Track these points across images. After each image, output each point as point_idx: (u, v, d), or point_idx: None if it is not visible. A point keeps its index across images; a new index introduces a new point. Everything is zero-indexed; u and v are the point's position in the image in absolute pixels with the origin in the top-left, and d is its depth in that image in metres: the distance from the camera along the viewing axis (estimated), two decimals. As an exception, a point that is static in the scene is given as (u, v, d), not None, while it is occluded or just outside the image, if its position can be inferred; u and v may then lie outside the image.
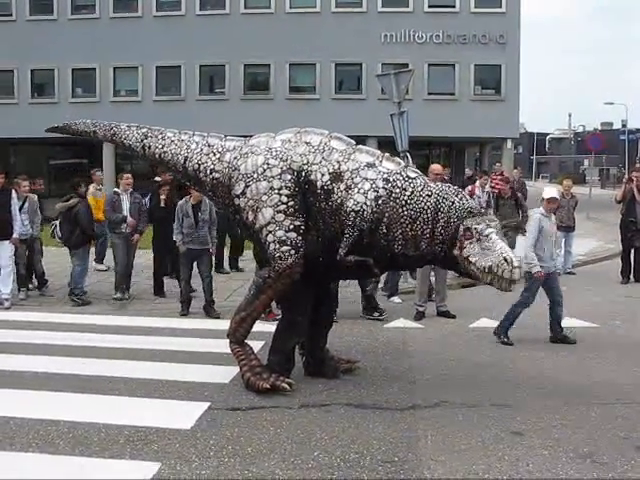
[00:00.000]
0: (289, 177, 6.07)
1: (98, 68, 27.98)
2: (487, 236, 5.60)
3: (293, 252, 6.01)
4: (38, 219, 11.03)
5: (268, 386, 6.06)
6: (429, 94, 26.68)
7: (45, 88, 29.09)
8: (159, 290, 10.91)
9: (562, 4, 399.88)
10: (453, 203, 5.81)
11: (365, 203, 5.87)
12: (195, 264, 9.74)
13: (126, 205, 10.69)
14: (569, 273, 13.42)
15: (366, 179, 5.94)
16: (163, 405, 5.92)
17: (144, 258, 11.96)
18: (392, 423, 5.48)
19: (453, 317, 9.46)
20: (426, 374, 6.88)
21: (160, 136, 7.03)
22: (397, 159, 6.29)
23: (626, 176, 46.42)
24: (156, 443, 5.03)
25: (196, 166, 6.69)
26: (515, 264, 5.41)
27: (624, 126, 71.55)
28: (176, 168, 6.93)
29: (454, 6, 26.92)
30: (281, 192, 6.05)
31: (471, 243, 5.63)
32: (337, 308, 8.45)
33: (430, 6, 26.89)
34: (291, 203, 6.04)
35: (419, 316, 9.37)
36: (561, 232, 13.37)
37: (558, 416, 5.64)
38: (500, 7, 26.87)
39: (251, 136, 6.70)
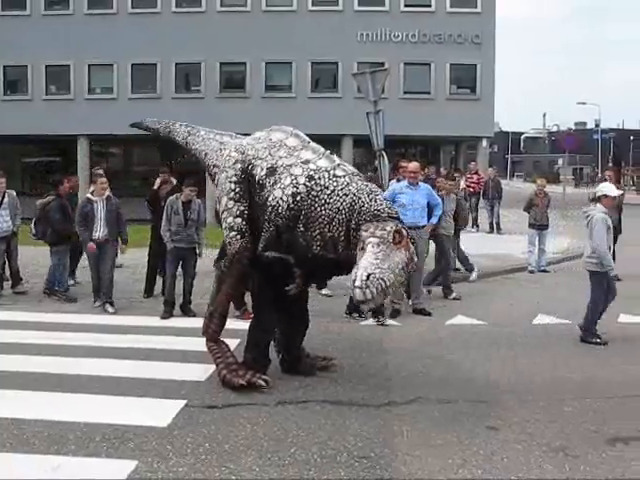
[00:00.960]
0: (239, 166, 6.37)
1: (72, 65, 27.69)
2: (364, 246, 5.31)
3: (239, 237, 6.22)
4: (18, 215, 10.93)
5: (244, 383, 6.08)
6: (405, 93, 26.79)
7: (18, 85, 28.74)
8: (149, 289, 10.74)
9: (536, 5, 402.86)
10: (364, 204, 5.68)
11: (281, 198, 5.95)
12: (180, 263, 9.69)
13: (100, 214, 9.73)
14: (543, 271, 13.57)
15: (290, 175, 6.02)
16: (139, 403, 5.90)
17: (139, 254, 11.77)
18: (368, 419, 5.53)
19: (429, 314, 9.54)
20: (402, 371, 6.94)
21: (196, 134, 7.58)
22: (334, 157, 6.22)
23: (599, 175, 47.06)
24: (132, 441, 5.02)
25: (209, 162, 7.21)
26: (356, 283, 5.01)
27: (597, 126, 72.37)
28: (204, 164, 7.40)
29: (430, 6, 27.05)
30: (231, 180, 6.35)
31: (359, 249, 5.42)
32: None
33: (406, 5, 26.99)
34: (237, 189, 6.31)
35: (395, 314, 9.42)
36: (535, 230, 13.55)
37: (532, 411, 5.73)
38: (475, 7, 27.07)
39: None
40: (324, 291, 10.76)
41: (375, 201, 5.69)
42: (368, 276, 4.97)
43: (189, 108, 25.81)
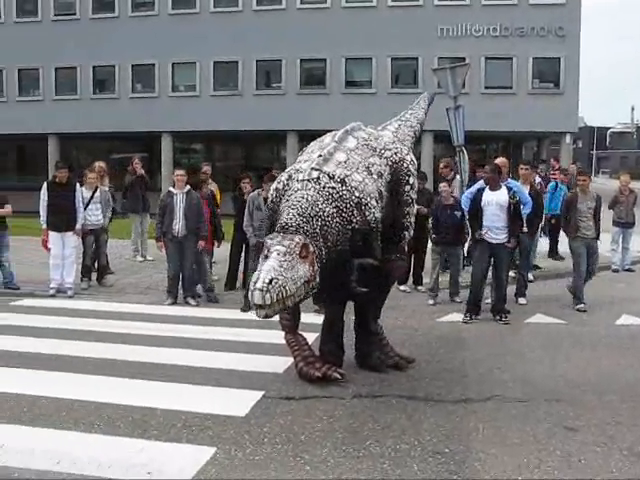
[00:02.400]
0: None
1: (157, 64, 28.50)
2: (268, 253, 5.19)
3: None
4: (109, 210, 11.40)
5: (320, 375, 6.17)
6: (486, 88, 26.33)
7: (106, 84, 29.78)
8: (231, 283, 10.89)
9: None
10: (281, 215, 5.72)
11: (271, 191, 6.20)
12: None
13: (179, 207, 9.79)
14: (628, 270, 13.15)
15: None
16: (219, 393, 6.06)
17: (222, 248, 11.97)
18: (444, 415, 5.51)
19: (508, 312, 9.39)
20: (479, 368, 6.88)
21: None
22: (337, 156, 5.95)
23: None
24: (211, 429, 5.17)
25: None
26: (257, 285, 4.89)
27: (690, 119, 69.26)
28: None
29: (512, -2, 26.50)
30: None
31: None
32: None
33: (488, -2, 26.54)
34: None
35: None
36: (619, 228, 13.13)
37: (613, 413, 5.59)
38: (560, -2, 26.33)
39: (307, 131, 7.25)
40: (402, 287, 10.78)
41: (287, 214, 5.56)
42: (271, 280, 4.88)
43: (270, 105, 26.20)
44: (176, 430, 5.13)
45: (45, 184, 10.82)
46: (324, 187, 5.65)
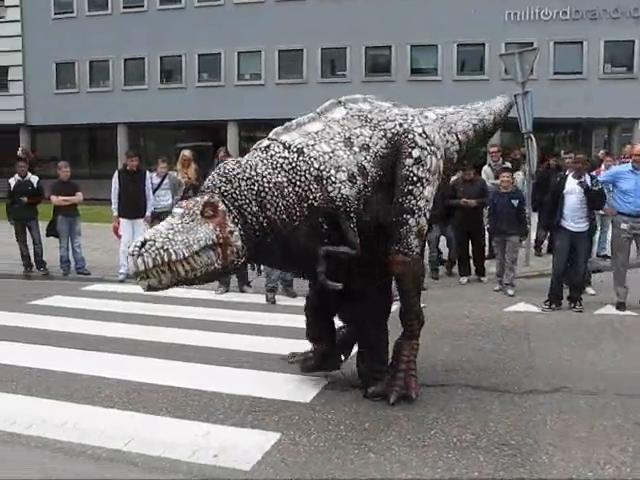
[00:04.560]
0: None
1: (223, 53, 28.82)
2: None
3: None
4: (179, 194, 11.61)
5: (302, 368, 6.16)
6: (555, 73, 25.71)
7: (173, 74, 30.28)
8: None
9: None
10: None
11: None
12: None
13: None
14: None
15: None
16: (284, 379, 6.11)
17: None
18: (510, 406, 5.43)
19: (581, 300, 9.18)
20: (547, 359, 6.74)
21: None
22: (308, 127, 5.30)
23: None
24: (277, 414, 5.22)
25: None
26: (129, 249, 4.41)
27: None
28: None
29: (584, -20, 25.74)
30: None
31: None
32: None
33: (558, -19, 25.84)
34: None
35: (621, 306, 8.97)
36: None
37: (688, 408, 5.40)
38: (635, -22, 25.44)
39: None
40: (464, 279, 10.69)
41: (211, 175, 5.06)
42: (144, 243, 4.31)
43: (335, 92, 26.00)
44: (241, 415, 5.20)
45: (117, 172, 11.14)
46: (272, 156, 4.99)
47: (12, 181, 11.68)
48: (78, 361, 6.63)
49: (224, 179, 4.85)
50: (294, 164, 4.94)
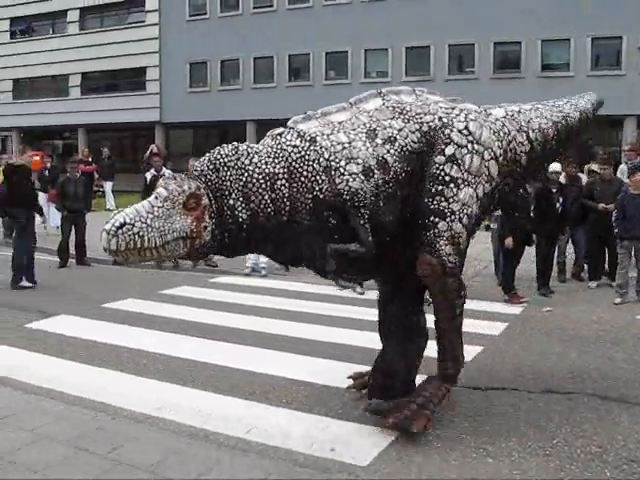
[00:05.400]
0: None
1: (350, 51, 29.01)
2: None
3: None
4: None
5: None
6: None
7: (301, 72, 30.80)
8: None
9: None
10: None
11: None
12: None
13: None
14: None
15: None
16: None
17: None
18: (641, 420, 5.16)
19: None
20: (683, 372, 6.35)
21: None
22: (333, 116, 5.03)
23: None
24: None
25: None
26: (106, 226, 4.14)
27: None
28: None
29: None
30: None
31: None
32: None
33: None
34: None
35: None
36: None
37: None
38: None
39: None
40: (592, 283, 10.26)
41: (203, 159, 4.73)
42: (122, 225, 4.12)
43: (462, 90, 25.63)
44: (360, 411, 5.21)
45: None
46: (279, 144, 4.72)
47: (148, 175, 12.30)
48: (204, 350, 6.89)
49: (212, 166, 4.56)
50: (303, 153, 4.64)
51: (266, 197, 4.52)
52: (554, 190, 9.98)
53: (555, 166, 10.02)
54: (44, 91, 37.22)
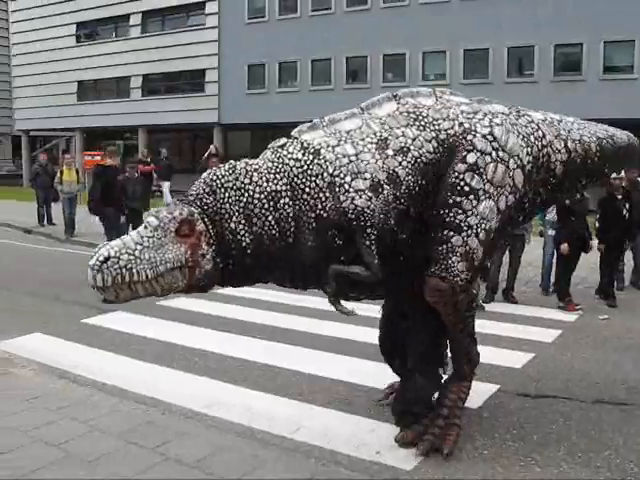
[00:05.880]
0: None
1: (408, 54, 28.88)
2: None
3: None
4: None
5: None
6: None
7: (358, 74, 30.80)
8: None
9: None
10: None
11: None
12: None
13: None
14: None
15: None
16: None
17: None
18: (699, 434, 5.00)
19: None
20: None
21: None
22: (342, 124, 4.66)
23: None
24: (443, 417, 5.18)
25: None
26: (90, 262, 3.84)
27: None
28: None
29: None
30: None
31: None
32: None
33: None
34: None
35: None
36: None
37: None
38: None
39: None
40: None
41: (198, 181, 4.40)
42: (107, 258, 3.81)
43: (522, 93, 25.31)
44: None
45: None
46: (280, 157, 4.37)
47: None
48: (253, 349, 6.98)
49: (208, 189, 4.23)
50: (305, 167, 4.29)
51: (270, 218, 4.20)
52: (619, 197, 9.74)
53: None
54: (106, 93, 38.15)
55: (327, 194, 4.23)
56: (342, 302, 4.43)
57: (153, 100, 35.73)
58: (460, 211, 4.40)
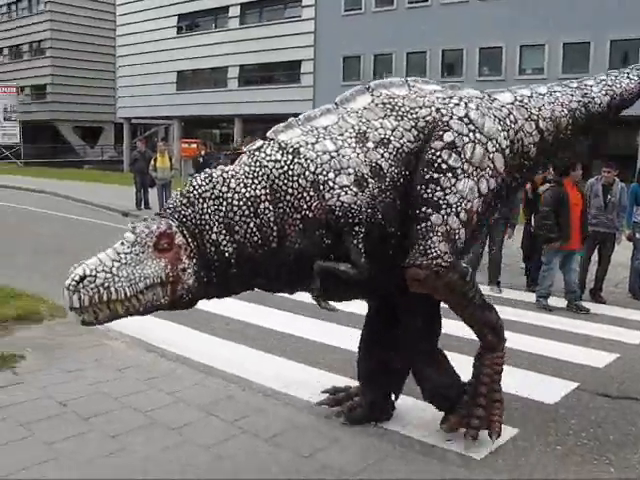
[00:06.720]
0: None
1: (504, 47, 28.35)
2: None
3: None
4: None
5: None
6: None
7: (454, 68, 30.47)
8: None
9: None
10: None
11: None
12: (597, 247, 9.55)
13: None
14: None
15: None
16: (537, 378, 6.00)
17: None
18: None
19: None
20: None
21: None
22: (318, 121, 4.46)
23: None
24: (518, 410, 5.17)
25: None
26: (65, 282, 3.62)
27: None
28: None
29: None
30: None
31: None
32: None
33: None
34: None
35: None
36: None
37: None
38: None
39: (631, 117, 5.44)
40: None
41: (175, 194, 4.21)
42: (83, 277, 3.61)
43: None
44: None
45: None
46: (257, 161, 4.16)
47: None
48: (328, 333, 7.11)
49: (185, 201, 4.04)
50: (286, 168, 4.10)
51: (251, 224, 4.02)
52: None
53: None
54: (204, 82, 39.25)
55: (311, 193, 4.07)
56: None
57: (249, 90, 36.51)
58: (438, 188, 4.25)
